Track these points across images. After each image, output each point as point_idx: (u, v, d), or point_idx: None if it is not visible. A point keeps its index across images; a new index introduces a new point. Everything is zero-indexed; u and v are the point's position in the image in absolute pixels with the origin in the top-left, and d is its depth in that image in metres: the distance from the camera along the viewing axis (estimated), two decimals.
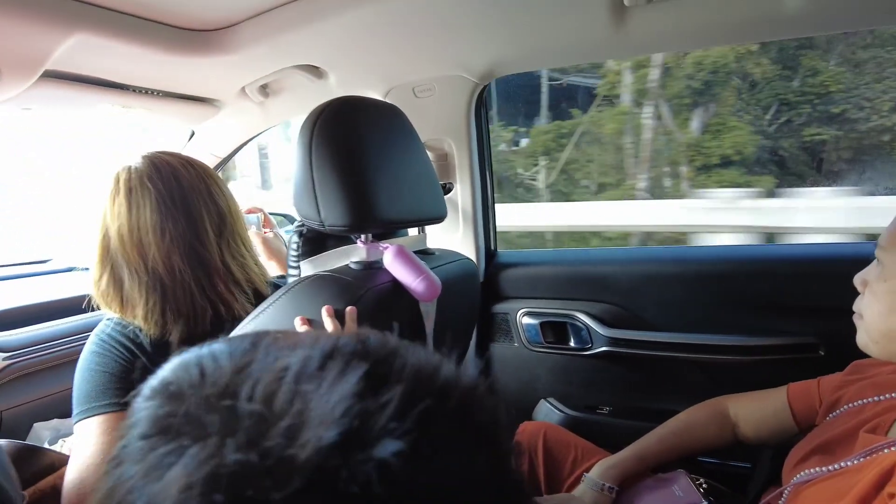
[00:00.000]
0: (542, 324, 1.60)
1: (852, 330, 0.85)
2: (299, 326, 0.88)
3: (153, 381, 0.32)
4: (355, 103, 1.02)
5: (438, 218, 1.15)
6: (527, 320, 1.62)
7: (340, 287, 0.92)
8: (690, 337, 1.42)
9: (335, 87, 1.57)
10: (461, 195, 1.60)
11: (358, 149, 0.96)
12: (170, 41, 1.25)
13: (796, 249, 1.48)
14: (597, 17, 1.18)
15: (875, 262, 0.77)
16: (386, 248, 0.99)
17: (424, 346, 0.95)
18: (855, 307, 0.78)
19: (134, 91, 1.52)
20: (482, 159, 1.63)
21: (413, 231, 1.33)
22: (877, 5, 1.11)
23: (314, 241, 1.09)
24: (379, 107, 1.06)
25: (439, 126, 1.57)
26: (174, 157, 1.08)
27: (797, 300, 1.36)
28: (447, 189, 1.60)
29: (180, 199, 1.03)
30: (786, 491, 0.85)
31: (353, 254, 1.02)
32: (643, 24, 1.18)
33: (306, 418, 0.26)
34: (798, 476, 0.83)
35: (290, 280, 1.00)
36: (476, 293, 1.32)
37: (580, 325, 1.54)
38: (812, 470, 0.80)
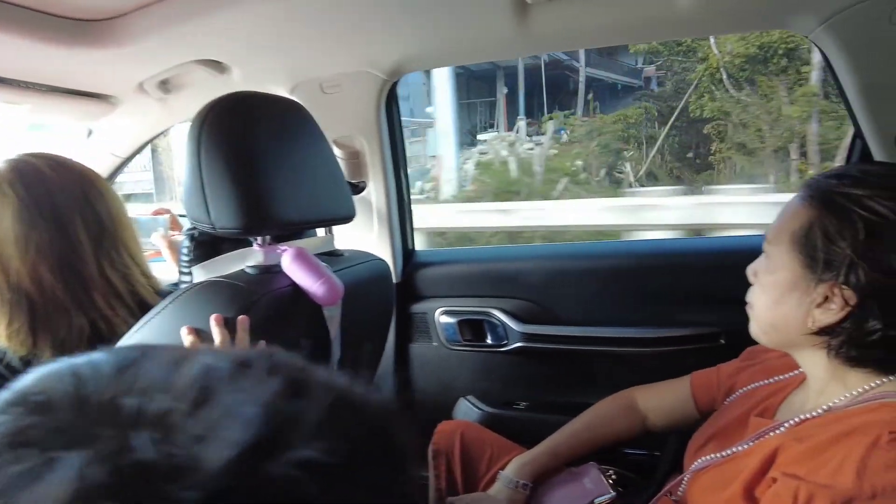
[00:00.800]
0: (459, 322, 1.59)
1: (748, 320, 0.88)
2: (185, 337, 0.83)
3: (5, 394, 0.27)
4: (248, 98, 0.96)
5: (346, 218, 1.12)
6: (445, 319, 1.61)
7: (232, 293, 0.87)
8: (602, 330, 1.45)
9: (239, 83, 1.50)
10: (375, 194, 1.57)
11: (251, 146, 0.91)
12: (54, 31, 1.14)
13: (699, 243, 1.55)
14: (500, 15, 1.18)
15: (763, 254, 0.79)
16: (284, 250, 0.95)
17: (329, 354, 0.89)
18: (747, 298, 0.81)
19: (19, 86, 1.40)
20: (395, 157, 1.61)
21: (321, 232, 1.29)
22: (764, 8, 1.17)
23: (207, 245, 1.04)
24: (276, 102, 1.01)
25: (349, 123, 1.53)
26: (43, 160, 0.97)
27: (700, 292, 1.42)
28: (360, 188, 1.56)
29: (48, 206, 0.93)
30: (685, 478, 0.88)
31: (250, 257, 0.97)
32: (545, 22, 1.19)
33: (214, 423, 0.24)
34: (696, 463, 0.86)
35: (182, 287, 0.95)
36: (390, 294, 1.29)
37: (496, 321, 1.55)
38: (708, 457, 0.83)
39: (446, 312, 1.61)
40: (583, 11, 1.17)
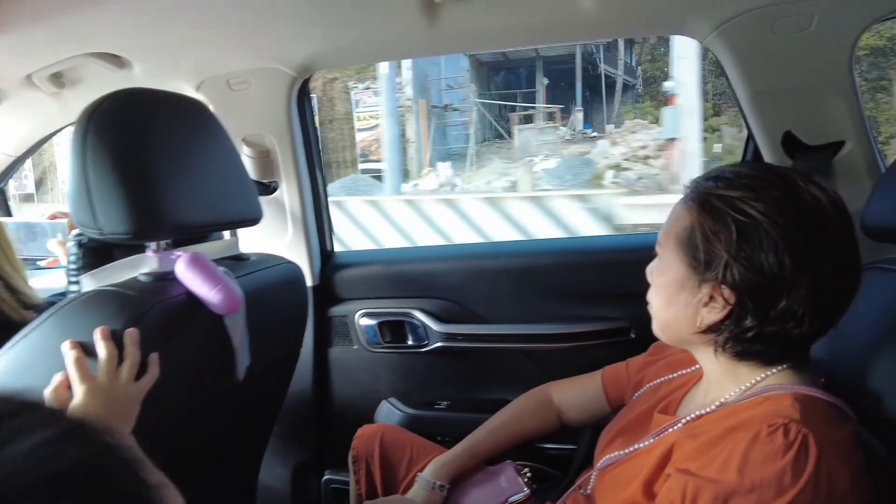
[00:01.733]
0: (380, 324, 1.57)
1: None
2: (67, 352, 0.76)
3: None
4: (140, 94, 0.90)
5: (251, 220, 1.07)
6: (365, 321, 1.58)
7: (121, 303, 0.82)
8: (518, 328, 1.47)
9: (141, 80, 1.42)
10: (288, 195, 1.52)
11: (142, 145, 0.85)
12: None
13: (610, 240, 1.60)
14: (409, 14, 1.17)
15: (657, 256, 0.81)
16: (179, 256, 0.90)
17: (232, 364, 0.85)
18: (647, 297, 0.83)
19: None
20: (309, 156, 1.56)
21: (227, 235, 1.23)
22: (662, 14, 1.22)
23: (97, 252, 0.97)
24: (172, 99, 0.95)
25: (258, 121, 1.47)
26: None
27: (611, 287, 1.46)
28: (271, 188, 1.51)
29: None
30: (593, 475, 0.89)
31: (143, 264, 0.91)
32: (454, 22, 1.19)
33: None
34: (602, 460, 0.87)
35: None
36: (302, 297, 1.25)
37: (416, 322, 1.54)
38: (614, 454, 0.85)
39: (366, 314, 1.58)
40: (489, 13, 1.18)
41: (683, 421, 0.76)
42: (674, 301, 0.76)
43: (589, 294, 1.47)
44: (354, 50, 1.37)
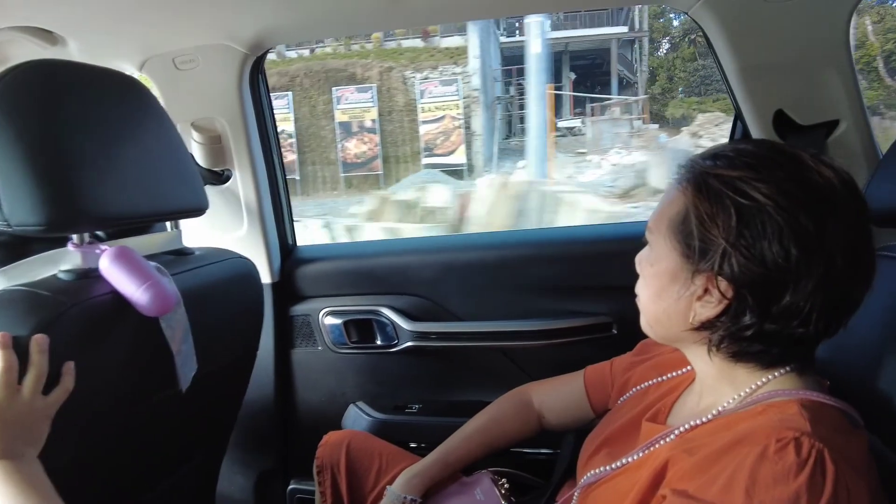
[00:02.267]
0: (346, 323, 1.47)
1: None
2: None
3: None
4: (53, 67, 0.79)
5: (194, 210, 0.96)
6: (329, 320, 1.48)
7: (29, 305, 0.70)
8: (494, 325, 1.39)
9: (77, 58, 1.29)
10: (242, 184, 1.40)
11: (55, 123, 0.75)
12: None
13: (588, 230, 1.53)
14: None
15: (648, 245, 0.74)
16: (104, 250, 0.78)
17: (172, 371, 0.74)
18: (636, 289, 0.75)
19: None
20: (265, 141, 1.45)
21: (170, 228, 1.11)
22: None
23: (12, 247, 0.85)
24: (95, 73, 0.84)
25: (208, 104, 1.36)
26: None
27: (591, 280, 1.39)
28: (224, 177, 1.39)
29: None
30: (576, 494, 0.81)
31: (64, 260, 0.80)
32: None
33: None
34: (586, 477, 0.79)
35: None
36: (257, 295, 1.14)
37: (385, 320, 1.45)
38: (598, 469, 0.77)
39: (331, 313, 1.48)
40: None
41: (676, 432, 0.68)
42: (664, 294, 0.68)
43: (568, 288, 1.40)
44: (309, 24, 1.27)
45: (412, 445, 1.25)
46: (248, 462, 1.53)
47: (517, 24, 15.58)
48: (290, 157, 12.91)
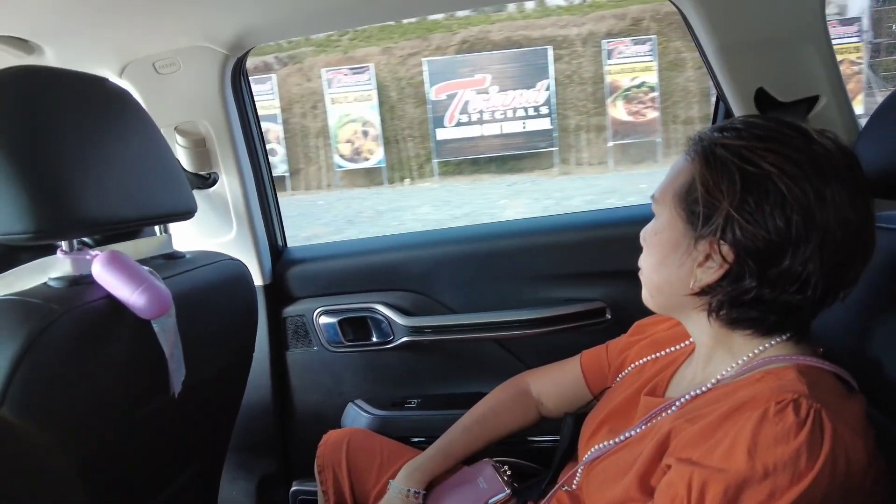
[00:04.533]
0: (340, 321, 1.46)
1: (633, 291, 0.84)
2: None
3: None
4: (34, 72, 0.79)
5: (182, 214, 0.96)
6: (324, 320, 1.47)
7: (21, 314, 0.69)
8: (489, 315, 1.39)
9: (56, 65, 1.28)
10: (230, 187, 1.39)
11: (40, 129, 0.73)
12: None
13: (579, 217, 1.53)
14: None
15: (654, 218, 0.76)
16: (95, 255, 0.77)
17: (165, 374, 0.73)
18: (639, 262, 0.76)
19: None
20: (250, 143, 1.44)
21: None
22: None
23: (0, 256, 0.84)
24: (77, 79, 0.84)
25: (191, 107, 1.34)
26: None
27: (582, 267, 1.40)
28: (211, 181, 1.38)
29: None
30: (579, 470, 0.81)
31: (54, 268, 0.79)
32: None
33: None
34: (589, 453, 0.80)
35: None
36: (250, 297, 1.14)
37: (380, 317, 1.44)
38: (601, 445, 0.78)
39: (325, 312, 1.47)
40: None
41: (677, 403, 0.69)
42: (667, 261, 0.70)
43: (560, 275, 1.41)
44: (290, 22, 1.26)
45: (413, 440, 1.25)
46: (249, 467, 1.52)
47: None
48: (651, 114, 10.31)
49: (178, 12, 1.19)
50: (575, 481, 0.82)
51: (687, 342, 0.82)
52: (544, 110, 10.46)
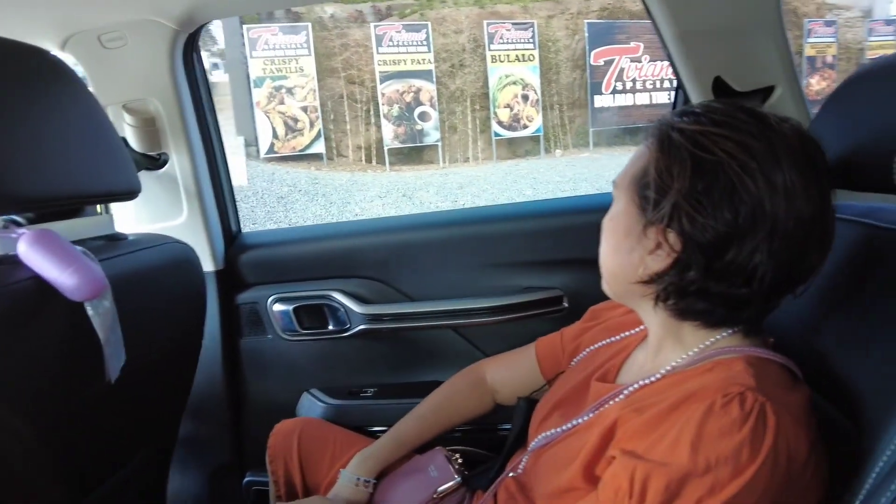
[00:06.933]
0: (295, 309, 1.43)
1: (591, 280, 0.83)
2: None
3: None
4: None
5: (124, 194, 0.91)
6: (278, 307, 1.44)
7: None
8: (446, 304, 1.38)
9: None
10: (180, 168, 1.34)
11: None
12: None
13: (538, 205, 1.53)
14: None
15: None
16: (22, 234, 0.73)
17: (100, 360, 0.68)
18: (599, 249, 0.75)
19: None
20: (202, 123, 1.39)
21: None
22: None
23: None
24: (16, 48, 0.79)
25: (139, 84, 1.29)
26: None
27: (540, 255, 1.39)
28: (161, 162, 1.33)
29: None
30: (524, 458, 0.81)
31: None
32: None
33: None
34: (537, 440, 0.79)
35: None
36: (198, 282, 1.10)
37: (336, 305, 1.41)
38: (549, 432, 0.77)
39: (280, 300, 1.44)
40: None
41: (626, 392, 0.69)
42: (620, 248, 0.68)
43: (518, 263, 1.40)
44: None
45: (369, 430, 1.23)
46: (202, 457, 1.49)
47: None
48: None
49: None
50: (520, 467, 0.82)
51: (640, 328, 0.81)
52: None
